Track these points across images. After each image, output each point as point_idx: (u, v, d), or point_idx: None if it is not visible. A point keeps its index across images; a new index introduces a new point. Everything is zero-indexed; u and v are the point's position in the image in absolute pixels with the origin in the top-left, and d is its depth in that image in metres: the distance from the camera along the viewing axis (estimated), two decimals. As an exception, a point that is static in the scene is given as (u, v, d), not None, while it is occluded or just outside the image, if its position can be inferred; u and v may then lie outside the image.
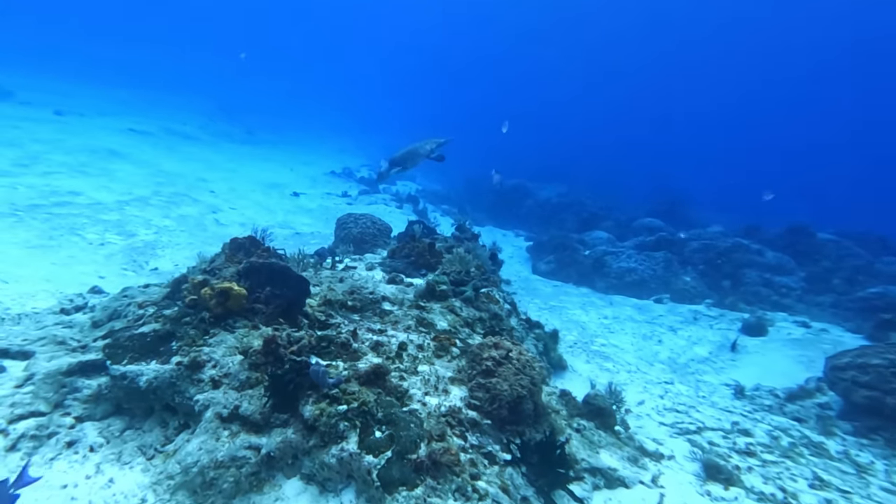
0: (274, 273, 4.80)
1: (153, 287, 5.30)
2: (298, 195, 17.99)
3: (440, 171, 34.52)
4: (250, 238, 5.95)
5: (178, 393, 3.86)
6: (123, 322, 4.49)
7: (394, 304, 5.62)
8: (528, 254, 17.15)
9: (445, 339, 4.92)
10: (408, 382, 4.22)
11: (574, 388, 6.18)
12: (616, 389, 4.77)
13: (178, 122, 28.40)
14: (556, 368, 6.79)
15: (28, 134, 16.40)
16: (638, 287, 12.76)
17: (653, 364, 7.59)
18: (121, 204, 10.53)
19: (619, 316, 10.14)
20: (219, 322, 4.45)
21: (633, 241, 15.91)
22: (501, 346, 4.55)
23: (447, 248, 7.97)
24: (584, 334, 8.70)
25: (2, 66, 29.76)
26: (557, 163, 33.19)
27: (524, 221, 22.72)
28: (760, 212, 24.43)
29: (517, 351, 4.51)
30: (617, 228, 18.62)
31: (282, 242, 11.27)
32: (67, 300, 5.10)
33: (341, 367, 4.19)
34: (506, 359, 4.46)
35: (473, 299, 6.02)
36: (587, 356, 7.55)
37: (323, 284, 5.61)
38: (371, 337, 4.79)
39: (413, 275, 6.99)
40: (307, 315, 4.86)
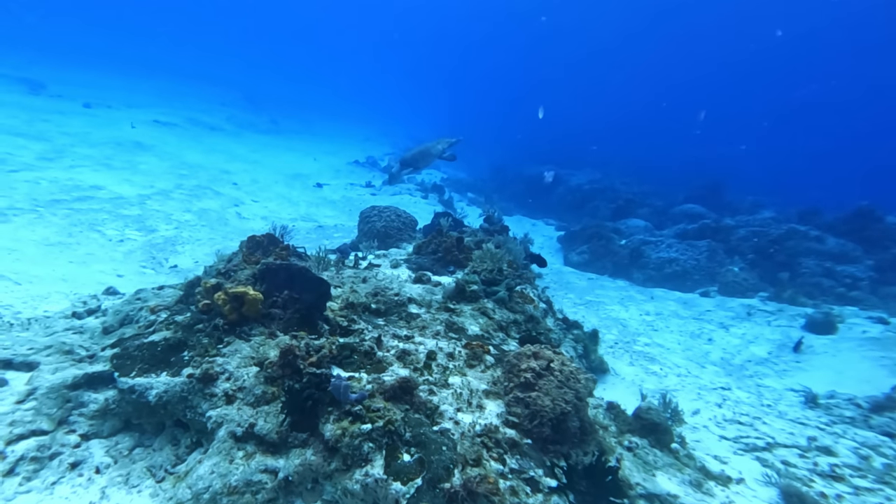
0: (292, 275, 4.50)
1: (168, 289, 5.08)
2: (322, 186, 17.83)
3: (465, 160, 33.94)
4: (268, 236, 5.68)
5: (190, 408, 3.61)
6: (134, 328, 4.27)
7: (421, 306, 5.26)
8: (560, 244, 16.55)
9: (478, 347, 4.53)
10: (438, 397, 3.86)
11: (618, 394, 5.72)
12: (670, 401, 4.29)
13: (203, 112, 28.71)
14: (597, 372, 6.33)
15: (57, 127, 16.71)
16: (680, 279, 12.05)
17: (704, 366, 7.01)
18: (142, 198, 10.51)
19: (663, 312, 9.52)
20: (233, 329, 4.18)
21: (673, 230, 15.10)
22: (541, 355, 4.13)
23: (476, 242, 7.55)
24: (625, 333, 8.17)
25: (37, 61, 30.67)
26: (587, 148, 32.09)
27: (554, 210, 22.03)
28: (810, 195, 22.98)
29: (559, 361, 4.09)
30: (654, 216, 17.76)
31: (304, 236, 11.08)
32: (81, 302, 4.93)
33: (365, 379, 3.86)
34: (546, 370, 4.04)
35: (507, 300, 5.60)
36: (630, 358, 7.04)
37: (345, 285, 5.29)
38: (397, 344, 4.45)
39: (440, 272, 6.62)
40: (328, 320, 4.55)
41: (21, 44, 34.26)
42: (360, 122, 41.06)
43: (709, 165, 31.01)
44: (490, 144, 38.26)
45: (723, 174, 23.91)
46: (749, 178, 28.22)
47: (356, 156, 25.31)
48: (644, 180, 26.01)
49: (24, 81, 24.36)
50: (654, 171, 29.44)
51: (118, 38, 49.06)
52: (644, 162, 31.93)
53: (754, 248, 12.82)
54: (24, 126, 15.56)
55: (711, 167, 29.95)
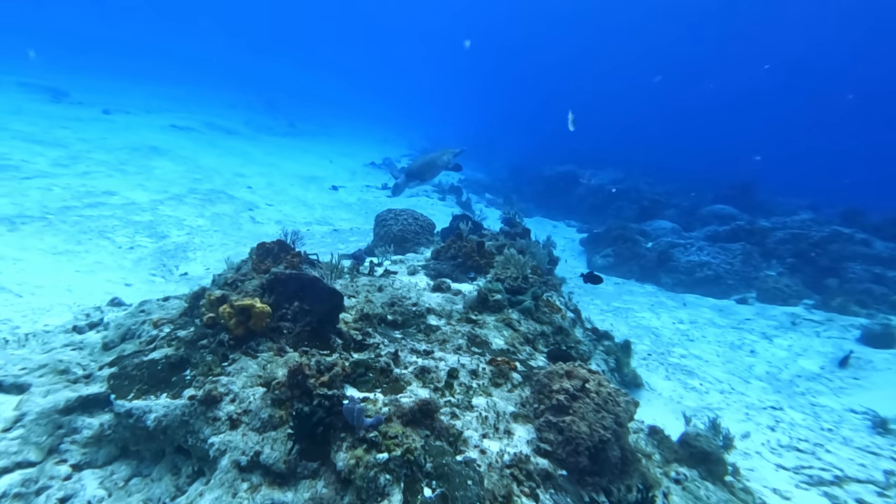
0: (303, 285, 4.21)
1: (173, 300, 4.85)
2: (337, 189, 17.67)
3: (483, 160, 33.70)
4: (279, 242, 5.43)
5: (192, 433, 3.35)
6: (135, 344, 4.03)
7: (440, 316, 4.93)
8: (582, 246, 16.08)
9: (504, 363, 4.18)
10: (461, 421, 3.53)
11: (656, 412, 5.30)
12: (719, 424, 3.87)
13: (221, 116, 28.98)
14: (630, 387, 5.92)
15: (74, 133, 16.90)
16: (712, 284, 11.48)
17: (748, 381, 6.51)
18: (154, 203, 10.43)
19: (697, 320, 9.00)
20: (239, 345, 3.91)
21: (703, 232, 14.49)
22: (575, 374, 3.76)
23: (498, 246, 7.20)
24: (658, 343, 7.70)
25: (61, 69, 31.40)
26: (609, 147, 31.43)
27: (575, 211, 21.53)
28: (842, 196, 21.96)
29: (595, 381, 3.71)
30: (681, 217, 17.13)
31: (319, 241, 10.87)
32: (83, 315, 4.73)
33: (381, 401, 3.54)
34: (582, 391, 3.67)
35: (533, 310, 5.23)
36: (665, 371, 6.59)
37: (360, 294, 5.00)
38: (415, 360, 4.13)
39: (460, 278, 6.28)
40: (341, 334, 4.25)
41: (46, 54, 35.18)
42: (377, 124, 41.10)
43: (734, 166, 30.05)
44: (508, 144, 37.89)
45: (750, 174, 23.03)
46: (776, 179, 27.18)
47: (373, 157, 25.17)
48: (667, 180, 25.32)
49: (48, 90, 24.87)
50: (677, 172, 28.65)
51: (140, 45, 50.16)
52: (666, 162, 31.12)
53: (794, 251, 12.15)
54: (42, 133, 15.76)
55: (737, 167, 29.01)
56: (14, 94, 23.24)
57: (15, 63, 29.64)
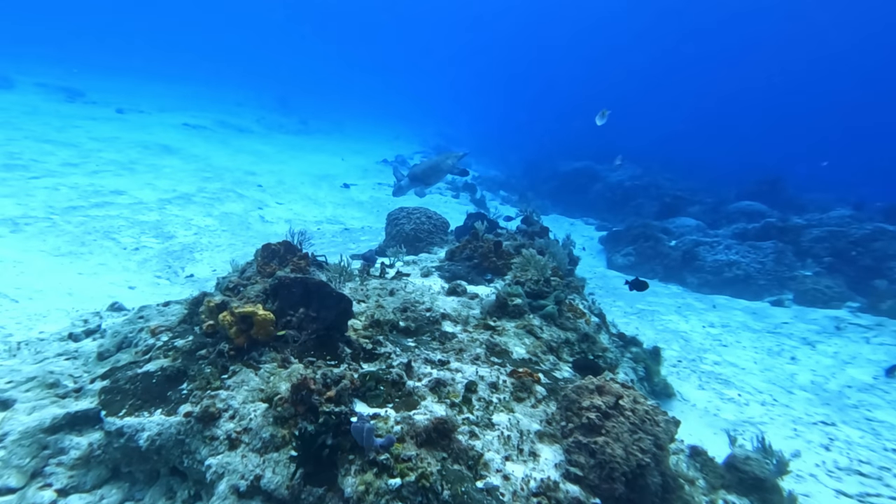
0: (309, 290, 3.95)
1: (174, 305, 4.62)
2: (349, 187, 17.48)
3: (497, 157, 33.34)
4: (285, 244, 5.18)
5: (188, 454, 3.11)
6: (131, 355, 3.80)
7: (456, 323, 4.63)
8: (602, 245, 15.65)
9: (526, 375, 3.87)
10: (482, 441, 3.23)
11: (691, 426, 4.93)
12: (770, 446, 3.49)
13: (233, 115, 29.07)
14: (661, 397, 5.56)
15: (87, 132, 16.98)
16: (742, 284, 10.98)
17: (792, 392, 6.07)
18: (162, 203, 10.31)
19: (729, 323, 8.54)
20: (241, 355, 3.67)
21: (730, 229, 13.95)
22: (607, 389, 3.43)
23: (516, 246, 6.87)
24: (689, 349, 7.29)
25: (79, 69, 31.78)
26: (625, 144, 30.72)
27: (592, 208, 21.08)
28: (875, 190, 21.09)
29: (630, 397, 3.38)
30: (706, 214, 16.57)
31: (329, 240, 10.66)
32: (81, 321, 4.53)
33: (392, 418, 3.25)
34: (615, 408, 3.34)
35: (556, 315, 4.90)
36: (699, 379, 6.19)
37: (370, 299, 4.72)
38: (430, 372, 3.84)
39: (476, 280, 5.98)
40: (349, 342, 3.98)
41: (64, 55, 35.73)
42: (390, 121, 40.93)
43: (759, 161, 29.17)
44: (522, 141, 37.41)
45: (776, 169, 22.26)
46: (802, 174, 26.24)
47: (385, 154, 24.96)
48: (688, 176, 24.67)
49: (64, 90, 25.15)
50: (698, 168, 27.93)
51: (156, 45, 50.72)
52: (686, 158, 30.35)
53: (831, 250, 11.56)
54: (54, 132, 15.84)
55: (760, 163, 28.14)
56: (32, 94, 23.54)
57: (34, 64, 30.08)
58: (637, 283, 5.82)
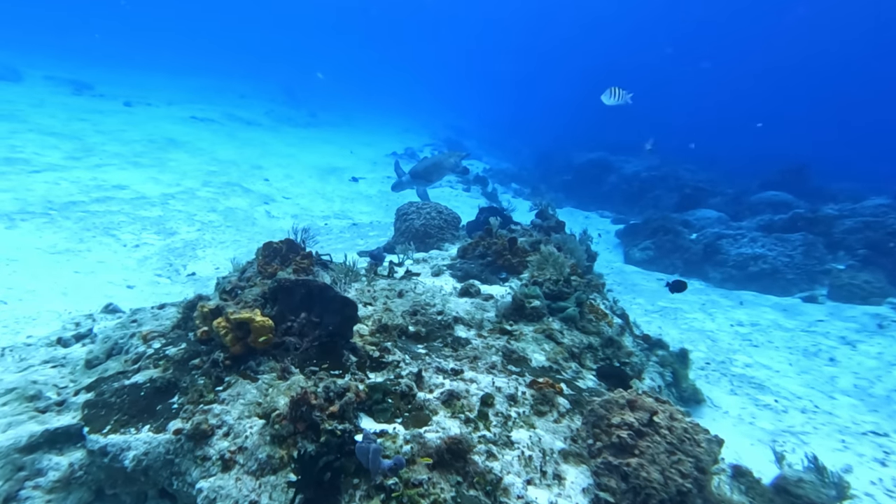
0: (311, 293, 3.68)
1: (169, 307, 4.39)
2: (357, 180, 17.22)
3: (508, 149, 32.88)
4: (288, 242, 4.91)
5: (177, 475, 2.87)
6: (120, 363, 3.56)
7: (470, 327, 4.34)
8: (618, 238, 15.24)
9: (547, 386, 3.56)
10: (500, 463, 2.94)
11: (725, 436, 4.56)
12: (824, 466, 3.15)
13: (242, 107, 28.96)
14: (689, 403, 5.23)
15: (93, 125, 16.90)
16: (768, 279, 10.54)
17: (834, 397, 5.67)
18: (165, 197, 10.12)
19: (759, 322, 8.12)
20: (237, 365, 3.41)
21: (755, 221, 13.44)
22: (640, 405, 3.11)
23: (532, 243, 6.55)
24: (716, 349, 6.92)
25: (88, 62, 31.92)
26: (641, 134, 30.01)
27: (607, 200, 20.61)
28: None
29: (666, 413, 3.07)
30: (728, 206, 16.04)
31: (337, 236, 10.41)
32: (72, 324, 4.32)
33: (401, 436, 2.98)
34: (649, 426, 3.03)
35: (578, 318, 4.58)
36: (730, 383, 5.83)
37: (377, 301, 4.44)
38: (442, 382, 3.55)
39: (490, 279, 5.67)
40: (355, 349, 3.71)
41: (73, 48, 35.86)
42: (399, 113, 40.56)
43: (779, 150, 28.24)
44: (534, 132, 36.83)
45: (800, 158, 21.44)
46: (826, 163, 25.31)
47: (394, 147, 24.65)
48: (707, 167, 24.00)
49: (72, 83, 25.17)
50: (717, 158, 27.16)
51: (165, 37, 50.71)
52: (705, 148, 29.52)
53: (867, 241, 11.02)
54: (59, 125, 15.76)
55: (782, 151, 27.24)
56: (40, 87, 23.57)
57: (44, 57, 30.18)
58: (677, 285, 5.47)
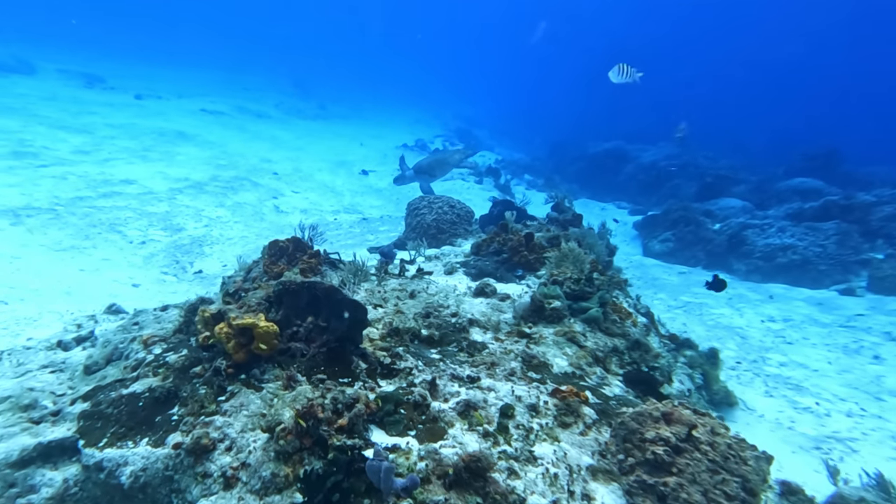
0: (317, 297, 3.49)
1: (172, 309, 4.25)
2: (367, 173, 17.04)
3: (521, 139, 32.44)
4: (294, 240, 4.73)
5: (177, 493, 2.71)
6: (119, 369, 3.41)
7: (486, 329, 4.12)
8: (636, 230, 14.88)
9: (571, 395, 3.33)
10: (523, 481, 2.74)
11: (761, 441, 4.30)
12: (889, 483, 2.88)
13: (253, 100, 28.94)
14: (721, 407, 4.97)
15: (103, 119, 16.94)
16: (798, 271, 10.15)
17: (881, 398, 5.32)
18: (173, 192, 10.04)
19: (792, 316, 7.75)
20: (240, 373, 3.25)
21: (783, 209, 12.99)
22: (677, 417, 2.88)
23: (549, 238, 6.30)
24: (747, 347, 6.61)
25: (101, 55, 32.13)
26: (656, 122, 29.30)
27: (624, 190, 20.21)
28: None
29: (707, 427, 2.83)
30: (753, 194, 15.56)
31: (346, 231, 10.24)
32: (74, 325, 4.20)
33: (415, 452, 2.78)
34: (687, 441, 2.80)
35: (601, 319, 4.33)
36: (764, 384, 5.53)
37: (388, 303, 4.24)
38: (457, 391, 3.35)
39: (506, 277, 5.44)
40: (365, 355, 3.52)
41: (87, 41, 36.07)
42: (409, 104, 40.25)
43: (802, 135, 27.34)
44: (547, 122, 36.26)
45: (828, 142, 20.64)
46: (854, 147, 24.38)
47: (405, 139, 24.41)
48: (728, 154, 23.34)
49: (84, 76, 25.30)
50: (737, 145, 26.40)
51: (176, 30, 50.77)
52: (723, 135, 28.72)
53: (908, 229, 10.56)
54: (70, 119, 15.80)
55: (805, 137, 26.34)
56: (53, 80, 23.72)
57: (58, 50, 30.39)
58: (718, 284, 5.18)
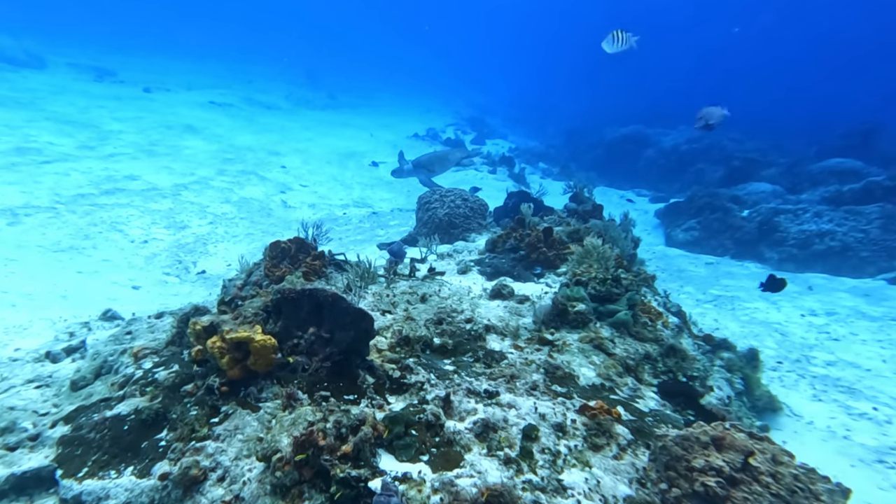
0: (320, 306, 3.22)
1: (167, 317, 4.03)
2: (377, 165, 16.74)
3: (535, 126, 31.78)
4: (297, 241, 4.46)
5: (164, 530, 2.45)
6: (106, 386, 3.18)
7: (504, 336, 3.81)
8: (658, 219, 14.39)
9: (602, 412, 3.02)
10: (551, 518, 2.42)
11: (813, 454, 3.96)
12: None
13: (261, 91, 28.83)
14: (765, 414, 4.61)
15: (110, 113, 16.90)
16: (838, 258, 9.64)
17: (950, 402, 4.89)
18: (178, 188, 9.85)
19: (836, 309, 7.25)
20: (235, 391, 3.00)
21: (818, 193, 12.39)
22: (730, 443, 2.55)
23: (569, 233, 5.94)
24: (788, 345, 6.17)
25: (112, 48, 32.27)
26: (676, 105, 28.35)
27: (644, 177, 19.64)
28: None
29: (767, 455, 2.51)
30: (784, 177, 14.88)
31: (356, 226, 9.97)
32: (66, 334, 4.00)
33: (428, 483, 2.51)
34: (744, 471, 2.46)
35: (631, 323, 3.99)
36: (811, 387, 5.12)
37: (397, 307, 3.95)
38: (474, 408, 3.06)
39: (524, 276, 5.12)
40: (372, 368, 3.24)
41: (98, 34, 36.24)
42: (421, 93, 39.78)
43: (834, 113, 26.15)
44: (561, 108, 35.43)
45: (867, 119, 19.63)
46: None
47: (416, 129, 24.04)
48: (754, 135, 22.44)
49: (94, 69, 25.38)
50: (764, 125, 25.37)
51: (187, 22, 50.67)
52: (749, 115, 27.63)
53: (960, 211, 9.90)
54: (77, 113, 15.76)
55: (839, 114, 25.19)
56: (63, 74, 23.81)
57: (69, 44, 30.52)
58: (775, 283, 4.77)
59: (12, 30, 27.29)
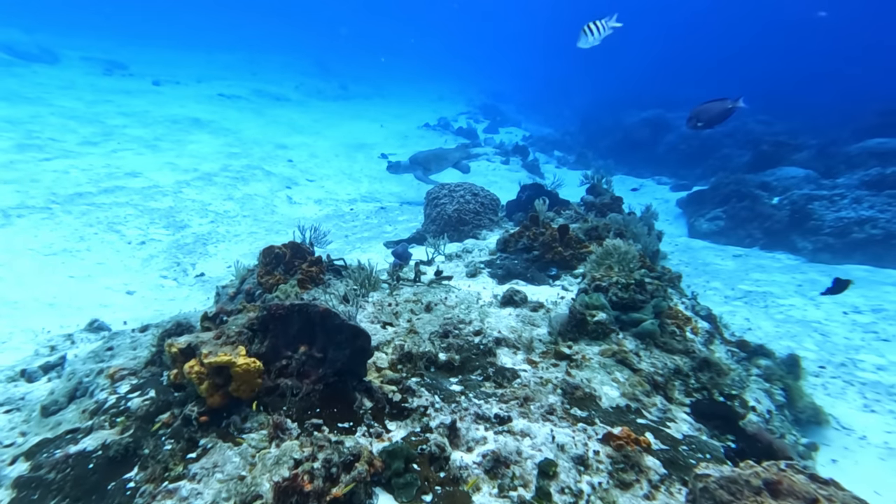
0: (311, 322, 2.92)
1: (152, 330, 3.76)
2: (387, 157, 16.39)
3: (549, 112, 31.08)
4: (292, 245, 4.17)
5: (132, 587, 2.19)
6: (77, 414, 2.92)
7: (516, 349, 3.47)
8: (680, 208, 13.84)
9: (629, 442, 2.68)
10: (573, 576, 2.10)
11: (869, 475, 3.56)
12: None
13: (272, 82, 28.68)
14: (809, 426, 4.21)
15: (117, 107, 16.84)
16: (880, 247, 9.09)
17: None
18: (179, 185, 9.64)
19: (883, 306, 6.66)
20: (216, 420, 2.70)
21: (857, 177, 11.72)
22: (787, 488, 2.20)
23: (587, 230, 5.55)
24: (830, 347, 5.70)
25: (125, 41, 32.38)
26: (696, 87, 27.29)
27: (664, 164, 18.96)
28: None
29: (836, 502, 2.12)
30: (817, 161, 14.14)
31: (363, 222, 9.66)
32: (47, 347, 3.78)
33: (431, 532, 2.18)
34: (799, 522, 2.09)
35: (658, 333, 3.61)
36: (860, 395, 4.68)
37: (400, 318, 3.63)
38: (483, 436, 2.75)
39: (538, 278, 4.77)
40: (370, 391, 2.94)
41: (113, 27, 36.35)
42: (433, 80, 39.23)
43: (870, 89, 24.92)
44: (576, 93, 34.53)
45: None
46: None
47: (427, 118, 23.61)
48: (782, 116, 21.49)
49: (106, 63, 25.42)
50: (792, 105, 24.30)
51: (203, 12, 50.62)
52: (775, 94, 26.49)
53: None
54: (83, 108, 15.72)
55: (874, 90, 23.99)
56: (75, 68, 23.89)
57: (84, 38, 30.62)
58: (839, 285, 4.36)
59: (27, 25, 27.47)
